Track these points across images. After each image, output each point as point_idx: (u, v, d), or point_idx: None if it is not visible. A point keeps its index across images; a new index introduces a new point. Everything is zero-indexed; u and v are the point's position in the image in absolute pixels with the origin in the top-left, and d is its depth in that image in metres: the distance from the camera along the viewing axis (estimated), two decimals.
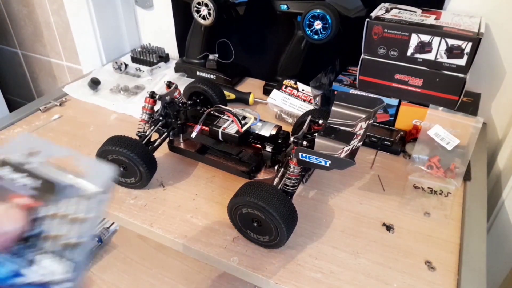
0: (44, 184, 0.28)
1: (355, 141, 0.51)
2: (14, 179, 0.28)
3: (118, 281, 0.83)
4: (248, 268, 0.51)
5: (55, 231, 0.27)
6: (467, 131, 0.64)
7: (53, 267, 0.27)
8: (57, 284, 0.26)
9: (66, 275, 0.27)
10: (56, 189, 0.28)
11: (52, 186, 0.28)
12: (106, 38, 1.08)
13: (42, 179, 0.28)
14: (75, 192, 0.28)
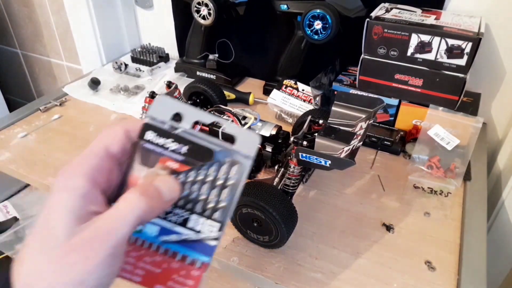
0: (192, 148, 0.28)
1: (355, 141, 0.51)
2: (163, 143, 0.29)
3: (118, 281, 0.83)
4: (248, 268, 0.51)
5: (204, 195, 0.29)
6: (467, 131, 0.64)
7: (204, 227, 0.29)
8: (207, 241, 0.29)
9: (215, 234, 0.29)
10: (204, 154, 0.29)
11: (200, 151, 0.29)
12: (106, 38, 1.08)
13: (190, 144, 0.28)
14: (224, 158, 0.29)
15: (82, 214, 0.25)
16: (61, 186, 0.26)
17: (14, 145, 0.75)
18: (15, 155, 0.72)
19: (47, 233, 0.25)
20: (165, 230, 0.29)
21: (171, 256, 0.29)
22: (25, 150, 0.73)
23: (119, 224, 0.25)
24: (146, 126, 0.29)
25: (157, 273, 0.28)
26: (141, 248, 0.29)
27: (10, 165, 0.70)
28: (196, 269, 0.28)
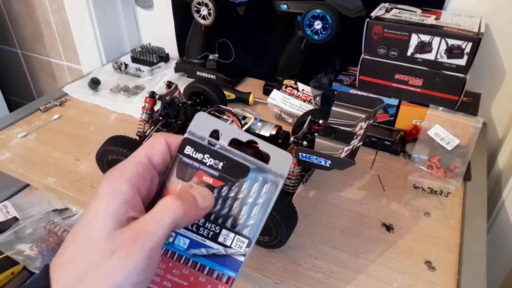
0: (228, 165, 0.30)
1: (355, 141, 0.51)
2: (200, 158, 0.30)
3: None
4: (248, 268, 0.51)
5: (236, 210, 0.30)
6: (467, 131, 0.64)
7: (233, 242, 0.30)
8: (235, 256, 0.29)
9: (243, 250, 0.29)
10: (239, 170, 0.30)
11: (235, 168, 0.30)
12: (106, 38, 1.08)
13: (226, 160, 0.30)
14: (257, 175, 0.30)
15: (122, 219, 0.26)
16: (105, 191, 0.27)
17: (14, 145, 0.75)
18: (15, 155, 0.72)
19: (87, 237, 0.26)
20: (195, 243, 0.30)
21: (199, 270, 0.29)
22: (25, 150, 0.73)
23: (156, 227, 0.26)
24: (186, 140, 0.30)
25: (183, 286, 0.29)
26: (170, 260, 0.30)
27: (10, 165, 0.70)
28: (222, 284, 0.29)
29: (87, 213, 0.27)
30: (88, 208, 0.27)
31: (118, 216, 0.26)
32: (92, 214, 0.26)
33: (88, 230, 0.26)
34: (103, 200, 0.27)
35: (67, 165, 0.69)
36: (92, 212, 0.27)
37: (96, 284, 0.24)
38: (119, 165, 0.29)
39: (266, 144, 0.30)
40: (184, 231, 0.30)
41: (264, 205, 0.29)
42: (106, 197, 0.27)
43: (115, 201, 0.26)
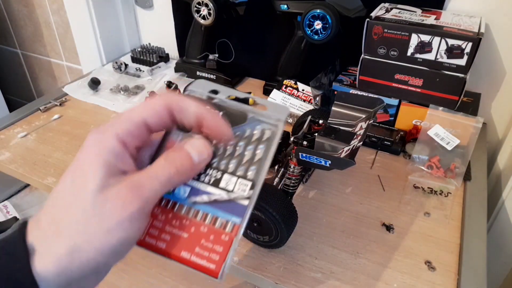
0: (227, 113, 0.30)
1: (355, 141, 0.51)
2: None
3: (118, 281, 0.83)
4: (248, 268, 0.51)
5: (237, 153, 0.29)
6: (467, 131, 0.64)
7: (236, 186, 0.28)
8: (239, 200, 0.28)
9: (247, 193, 0.28)
10: (238, 117, 0.30)
11: (234, 115, 0.30)
12: (106, 38, 1.08)
13: (225, 110, 0.30)
14: (256, 122, 0.30)
15: (113, 169, 0.25)
16: (92, 142, 0.26)
17: (14, 145, 0.75)
18: (15, 155, 0.72)
19: (79, 184, 0.25)
20: (196, 191, 0.29)
21: (201, 219, 0.28)
22: (25, 150, 0.73)
23: (153, 181, 0.26)
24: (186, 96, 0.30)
25: (184, 238, 0.27)
26: (170, 210, 0.28)
27: (10, 165, 0.70)
28: (226, 233, 0.27)
29: (75, 162, 0.26)
30: (76, 158, 0.26)
31: (109, 165, 0.25)
32: (80, 161, 0.26)
33: (76, 175, 0.25)
34: (91, 148, 0.26)
35: (67, 165, 0.69)
36: (80, 159, 0.26)
37: (89, 228, 0.24)
38: (111, 120, 0.27)
39: (262, 99, 0.32)
40: None
41: (266, 148, 0.29)
42: (94, 146, 0.26)
43: (103, 151, 0.25)
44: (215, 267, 0.27)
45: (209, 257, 0.27)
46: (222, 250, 0.27)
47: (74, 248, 0.24)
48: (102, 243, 0.24)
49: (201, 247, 0.27)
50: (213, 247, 0.27)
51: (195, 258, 0.27)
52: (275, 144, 0.29)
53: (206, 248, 0.27)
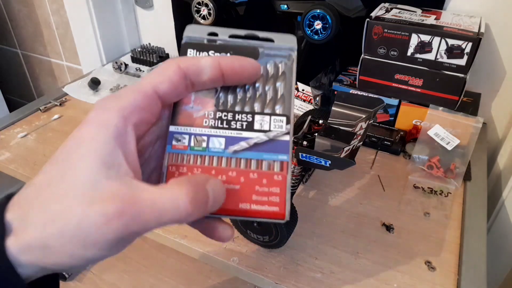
0: (236, 53, 0.28)
1: (355, 141, 0.51)
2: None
3: (118, 281, 0.83)
4: (248, 268, 0.51)
5: (259, 91, 0.28)
6: (467, 131, 0.64)
7: (271, 124, 0.27)
8: (280, 137, 0.27)
9: (284, 128, 0.27)
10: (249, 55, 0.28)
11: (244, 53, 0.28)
12: (106, 38, 1.08)
13: (232, 50, 0.28)
14: (268, 55, 0.28)
15: (109, 162, 0.22)
16: (93, 118, 0.23)
17: (14, 145, 0.75)
18: (15, 155, 0.72)
19: (67, 168, 0.22)
20: (232, 140, 0.27)
21: (247, 166, 0.26)
22: (25, 150, 0.73)
23: (151, 219, 0.22)
24: (186, 45, 0.28)
25: (236, 190, 0.26)
26: (211, 167, 0.26)
27: (10, 165, 0.70)
28: (277, 173, 0.26)
29: (70, 141, 0.23)
30: (72, 136, 0.23)
31: (105, 157, 0.22)
32: (75, 142, 0.22)
33: (69, 159, 0.22)
34: (89, 128, 0.22)
35: None
36: (75, 140, 0.23)
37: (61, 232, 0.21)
38: (117, 92, 0.24)
39: (265, 32, 0.29)
40: (215, 131, 0.27)
41: (286, 81, 0.28)
42: (93, 125, 0.22)
43: (102, 133, 0.22)
44: (279, 209, 0.26)
45: (269, 201, 0.26)
46: (279, 191, 0.26)
47: (45, 244, 0.21)
48: (75, 253, 0.21)
49: (257, 193, 0.26)
50: (269, 190, 0.26)
51: (256, 206, 0.26)
52: (294, 76, 0.28)
53: (263, 193, 0.26)
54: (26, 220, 0.21)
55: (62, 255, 0.21)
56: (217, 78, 0.26)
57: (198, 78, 0.26)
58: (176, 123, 0.27)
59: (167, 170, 0.26)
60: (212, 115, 0.27)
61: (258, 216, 0.26)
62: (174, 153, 0.27)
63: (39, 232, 0.21)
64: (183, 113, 0.27)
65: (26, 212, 0.21)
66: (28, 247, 0.21)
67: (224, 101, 0.27)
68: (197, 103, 0.27)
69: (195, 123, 0.27)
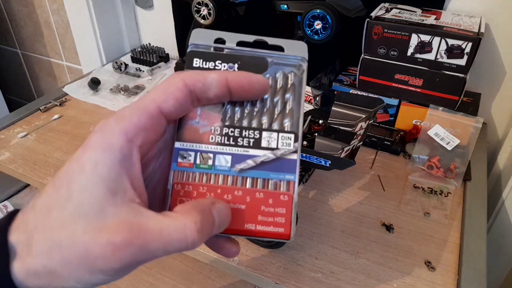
0: (244, 63, 0.27)
1: (355, 141, 0.51)
2: (212, 67, 0.27)
3: (118, 281, 0.83)
4: (248, 268, 0.51)
5: (268, 106, 0.27)
6: (467, 131, 0.64)
7: (279, 142, 0.26)
8: (287, 156, 0.26)
9: (292, 146, 0.26)
10: (257, 65, 0.27)
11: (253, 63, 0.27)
12: (106, 38, 1.08)
13: (240, 60, 0.27)
14: (278, 65, 0.27)
15: (114, 188, 0.21)
16: (95, 142, 0.22)
17: (14, 145, 0.75)
18: (15, 155, 0.72)
19: (71, 193, 0.21)
20: (238, 157, 0.26)
21: (253, 185, 0.26)
22: (25, 150, 0.73)
23: (158, 248, 0.21)
24: (191, 53, 0.27)
25: (242, 210, 0.25)
26: (216, 186, 0.26)
27: (10, 165, 0.70)
28: (283, 193, 0.26)
29: (73, 163, 0.22)
30: (74, 159, 0.22)
31: (110, 183, 0.21)
32: (78, 166, 0.22)
33: (72, 184, 0.21)
34: (93, 152, 0.22)
35: None
36: (78, 164, 0.22)
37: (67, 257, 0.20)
38: (119, 111, 0.23)
39: (274, 39, 0.28)
40: (222, 148, 0.26)
41: (295, 94, 0.27)
42: (96, 150, 0.22)
43: (106, 158, 0.21)
44: (284, 230, 0.25)
45: (274, 221, 0.25)
46: (285, 211, 0.26)
47: (52, 270, 0.21)
48: (82, 278, 0.21)
49: (263, 214, 0.25)
50: (275, 211, 0.26)
51: (261, 227, 0.25)
52: (304, 88, 0.27)
53: (269, 213, 0.26)
54: (31, 245, 0.21)
55: (69, 280, 0.21)
56: (224, 94, 0.25)
57: (205, 95, 0.25)
58: (181, 139, 0.26)
59: (173, 189, 0.26)
60: (219, 131, 0.26)
61: (263, 236, 0.26)
62: (179, 170, 0.26)
63: (45, 258, 0.21)
64: (189, 129, 0.26)
65: (31, 237, 0.21)
66: (35, 272, 0.21)
67: (231, 116, 0.27)
68: (203, 118, 0.27)
69: (201, 139, 0.26)
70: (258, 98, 0.27)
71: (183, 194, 0.26)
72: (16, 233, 0.22)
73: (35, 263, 0.21)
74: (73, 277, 0.21)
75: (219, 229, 0.24)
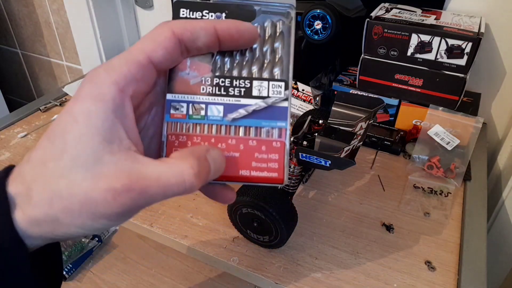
0: (231, 12, 0.27)
1: (355, 141, 0.51)
2: (200, 17, 0.27)
3: (118, 281, 0.83)
4: (248, 268, 0.51)
5: (257, 54, 0.27)
6: (467, 131, 0.64)
7: (269, 90, 0.27)
8: (278, 104, 0.27)
9: (283, 94, 0.27)
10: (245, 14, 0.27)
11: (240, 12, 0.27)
12: (106, 38, 1.08)
13: (227, 9, 0.27)
14: (266, 14, 0.27)
15: (109, 137, 0.21)
16: (86, 92, 0.22)
17: (14, 145, 0.75)
18: (15, 155, 0.72)
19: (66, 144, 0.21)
20: (230, 107, 0.27)
21: (246, 133, 0.27)
22: (25, 150, 0.73)
23: (158, 192, 0.22)
24: (178, 3, 0.27)
25: (236, 157, 0.26)
26: (210, 136, 0.26)
27: None
28: (276, 140, 0.26)
29: (65, 116, 0.22)
30: (66, 110, 0.22)
31: (105, 132, 0.21)
32: (71, 118, 0.21)
33: (66, 135, 0.21)
34: (84, 103, 0.21)
35: None
36: (71, 115, 0.22)
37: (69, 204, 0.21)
38: (108, 62, 0.23)
39: None
40: (213, 98, 0.27)
41: (284, 42, 0.27)
42: (88, 100, 0.21)
43: (99, 108, 0.21)
44: (278, 174, 0.26)
45: (268, 167, 0.26)
46: (278, 157, 0.26)
47: (54, 218, 0.21)
48: (85, 224, 0.22)
49: (256, 160, 0.26)
50: (268, 157, 0.26)
51: (255, 173, 0.26)
52: (293, 37, 0.27)
53: (262, 159, 0.26)
54: (31, 196, 0.21)
55: (72, 227, 0.22)
56: (213, 43, 0.25)
57: (193, 44, 0.25)
58: (173, 91, 0.26)
59: (167, 140, 0.26)
60: (210, 81, 0.27)
61: (258, 182, 0.26)
62: (173, 122, 0.26)
63: (46, 207, 0.21)
64: (180, 80, 0.27)
65: (30, 188, 0.21)
66: (37, 221, 0.21)
67: (221, 66, 0.27)
68: (193, 69, 0.27)
69: (193, 90, 0.27)
70: (248, 47, 0.27)
71: (178, 144, 0.26)
72: (14, 184, 0.22)
73: (37, 212, 0.21)
74: (75, 223, 0.21)
75: (214, 175, 0.25)
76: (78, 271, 0.66)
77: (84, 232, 0.22)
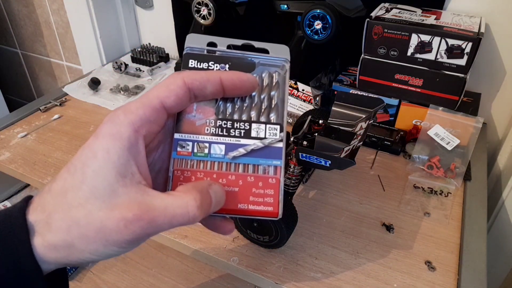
0: (234, 64, 0.31)
1: (355, 141, 0.51)
2: (206, 68, 0.31)
3: (118, 281, 0.83)
4: (248, 268, 0.51)
5: (255, 101, 0.31)
6: (467, 131, 0.64)
7: (267, 132, 0.30)
8: (274, 144, 0.30)
9: (278, 136, 0.30)
10: (246, 66, 0.31)
11: (241, 65, 0.31)
12: (106, 38, 1.08)
13: (230, 61, 0.31)
14: (264, 65, 0.31)
15: (124, 172, 0.24)
16: (106, 131, 0.25)
17: (14, 145, 0.75)
18: (15, 155, 0.72)
19: (85, 176, 0.24)
20: (231, 146, 0.30)
21: (245, 170, 0.29)
22: (25, 150, 0.73)
23: (164, 222, 0.24)
24: (187, 55, 0.31)
25: (235, 192, 0.29)
26: (212, 172, 0.29)
27: (10, 165, 0.70)
28: (271, 177, 0.29)
29: (85, 151, 0.25)
30: (87, 146, 0.25)
31: (119, 167, 0.24)
32: (91, 153, 0.24)
33: (86, 169, 0.24)
34: (104, 141, 0.25)
35: None
36: (91, 151, 0.25)
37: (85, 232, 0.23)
38: (126, 105, 0.26)
39: (260, 43, 0.32)
40: (216, 138, 0.30)
41: (280, 91, 0.30)
42: (107, 138, 0.25)
43: (116, 146, 0.24)
44: (273, 208, 0.29)
45: (264, 201, 0.29)
46: (273, 193, 0.29)
47: (70, 244, 0.24)
48: (98, 250, 0.24)
49: (254, 195, 0.29)
50: (265, 192, 0.29)
51: (253, 207, 0.29)
52: (287, 86, 0.31)
53: (259, 194, 0.29)
54: (50, 224, 0.24)
55: (85, 253, 0.24)
56: (218, 91, 0.29)
57: (201, 92, 0.28)
58: (180, 131, 0.30)
59: (173, 175, 0.29)
60: (213, 123, 0.30)
61: (255, 215, 0.29)
62: (179, 158, 0.29)
63: (65, 234, 0.24)
64: (186, 122, 0.30)
65: (50, 216, 0.24)
66: (55, 247, 0.24)
67: (224, 110, 0.30)
68: (199, 112, 0.30)
69: (198, 130, 0.30)
70: (248, 94, 0.30)
71: (183, 179, 0.29)
72: (34, 213, 0.24)
73: (55, 238, 0.24)
74: (89, 249, 0.24)
75: (215, 207, 0.27)
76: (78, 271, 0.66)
77: (95, 258, 0.25)
